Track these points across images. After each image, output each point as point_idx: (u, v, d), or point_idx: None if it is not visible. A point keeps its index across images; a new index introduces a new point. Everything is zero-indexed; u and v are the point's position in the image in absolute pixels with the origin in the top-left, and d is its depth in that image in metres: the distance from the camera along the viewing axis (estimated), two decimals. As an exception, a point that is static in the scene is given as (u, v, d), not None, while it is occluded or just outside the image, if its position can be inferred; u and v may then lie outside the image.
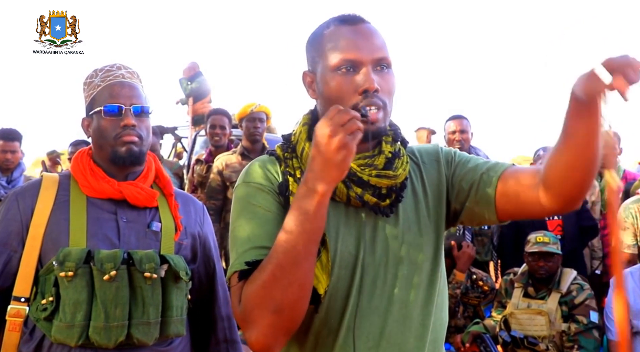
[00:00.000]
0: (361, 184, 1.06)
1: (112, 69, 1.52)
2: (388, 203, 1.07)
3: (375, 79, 1.04)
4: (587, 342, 2.93)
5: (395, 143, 1.13)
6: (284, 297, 0.96)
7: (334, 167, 0.93)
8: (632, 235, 3.34)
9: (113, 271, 1.37)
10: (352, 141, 0.92)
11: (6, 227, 1.45)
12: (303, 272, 0.96)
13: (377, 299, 1.06)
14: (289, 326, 0.99)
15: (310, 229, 0.95)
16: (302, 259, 0.95)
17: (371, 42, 1.06)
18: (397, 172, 1.08)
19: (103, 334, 1.36)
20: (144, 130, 1.50)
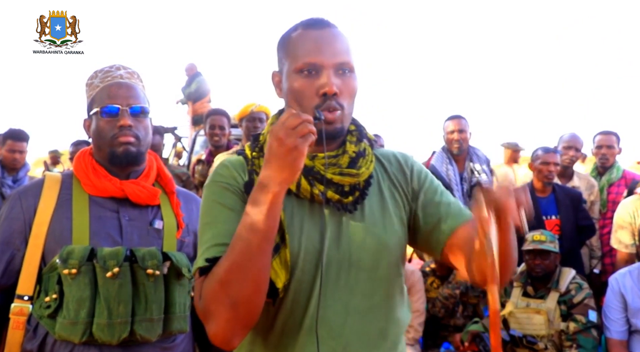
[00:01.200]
0: (322, 181, 1.11)
1: (111, 70, 1.54)
2: (351, 200, 1.12)
3: (336, 82, 1.08)
4: (585, 342, 2.94)
5: (360, 143, 1.17)
6: (239, 293, 1.00)
7: (285, 168, 0.98)
8: (630, 234, 3.35)
9: (116, 268, 1.38)
10: (303, 144, 0.97)
11: (9, 226, 1.47)
12: (257, 269, 0.99)
13: (340, 290, 1.10)
14: (245, 321, 1.02)
15: (263, 228, 0.99)
16: (256, 257, 0.99)
17: (333, 46, 1.10)
18: (360, 171, 1.12)
19: (106, 331, 1.37)
20: (142, 130, 1.50)
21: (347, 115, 1.12)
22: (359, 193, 1.13)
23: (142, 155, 1.53)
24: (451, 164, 3.84)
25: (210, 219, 1.10)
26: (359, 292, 1.11)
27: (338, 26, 1.14)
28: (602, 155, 4.06)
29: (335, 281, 1.10)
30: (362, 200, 1.14)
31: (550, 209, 3.69)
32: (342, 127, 1.11)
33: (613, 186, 4.03)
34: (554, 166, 3.64)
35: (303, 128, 0.97)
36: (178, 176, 3.92)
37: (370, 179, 1.15)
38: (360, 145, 1.17)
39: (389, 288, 1.15)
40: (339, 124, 1.10)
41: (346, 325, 1.10)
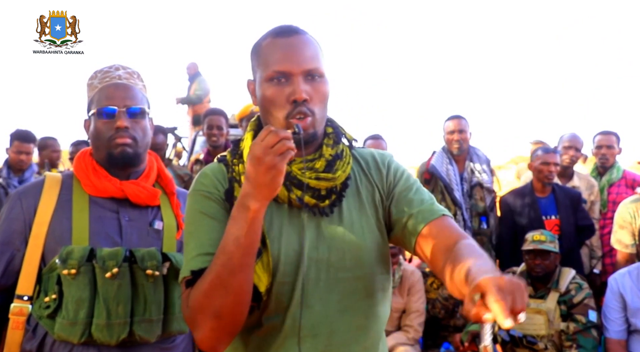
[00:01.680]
0: (301, 187, 1.13)
1: (110, 70, 1.53)
2: (327, 203, 1.14)
3: (305, 89, 1.11)
4: (585, 342, 2.94)
5: (337, 145, 1.19)
6: (222, 304, 1.04)
7: (264, 186, 1.01)
8: (630, 234, 3.35)
9: (115, 268, 1.38)
10: (281, 162, 1.00)
11: (9, 226, 1.47)
12: (239, 281, 1.03)
13: (321, 291, 1.12)
14: (229, 329, 1.08)
15: (244, 244, 1.02)
16: (238, 271, 1.03)
17: (302, 54, 1.12)
18: (336, 174, 1.14)
19: (105, 332, 1.37)
20: (139, 131, 1.50)
21: (320, 119, 1.14)
22: (336, 196, 1.15)
23: (140, 156, 1.52)
24: (451, 164, 3.84)
25: (193, 229, 1.13)
26: (339, 292, 1.13)
27: (308, 33, 1.17)
28: (602, 156, 4.06)
29: (315, 282, 1.12)
30: (340, 202, 1.16)
31: (550, 209, 3.69)
32: (315, 132, 1.13)
33: (613, 186, 4.03)
34: (554, 166, 3.64)
35: (281, 146, 1.00)
36: (180, 177, 3.92)
37: (348, 181, 1.17)
38: (337, 147, 1.18)
39: (369, 286, 1.17)
40: (311, 130, 1.12)
41: (326, 324, 1.12)
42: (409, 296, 3.39)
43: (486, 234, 3.80)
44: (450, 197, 3.78)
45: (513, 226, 3.71)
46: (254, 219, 1.03)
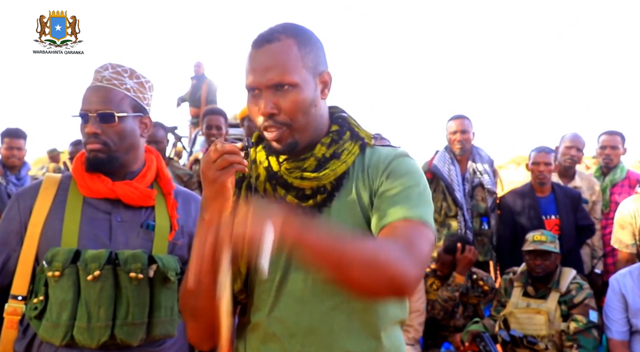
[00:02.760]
0: (285, 186, 1.13)
1: (100, 70, 1.52)
2: (312, 204, 1.12)
3: (271, 102, 1.09)
4: (586, 342, 2.93)
5: (336, 144, 1.15)
6: (195, 305, 1.11)
7: (211, 199, 1.06)
8: (630, 234, 3.34)
9: (97, 271, 1.38)
10: (222, 176, 1.04)
11: (6, 226, 1.48)
12: (206, 286, 1.06)
13: (300, 292, 1.12)
14: (208, 330, 1.11)
15: (205, 254, 1.04)
16: (204, 276, 1.05)
17: (267, 67, 1.09)
18: (321, 173, 1.11)
19: (86, 334, 1.37)
20: (113, 136, 1.47)
21: (298, 128, 1.11)
22: (325, 196, 1.13)
23: (116, 160, 1.50)
24: (453, 164, 3.83)
25: None
26: (320, 293, 1.11)
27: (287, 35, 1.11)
28: (606, 156, 4.05)
29: (294, 283, 1.12)
30: (329, 202, 1.13)
31: (550, 209, 3.69)
32: (291, 142, 1.11)
33: (616, 186, 4.01)
34: (545, 166, 3.63)
35: (221, 161, 1.03)
36: (179, 177, 3.91)
37: (343, 180, 1.14)
38: (337, 146, 1.15)
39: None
40: (286, 140, 1.11)
41: (304, 324, 1.11)
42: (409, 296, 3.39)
43: (487, 234, 3.80)
44: (452, 197, 3.77)
45: (513, 226, 3.70)
46: (209, 230, 1.04)
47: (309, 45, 1.13)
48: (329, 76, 1.17)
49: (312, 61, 1.13)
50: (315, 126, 1.14)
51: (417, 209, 1.08)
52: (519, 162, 13.41)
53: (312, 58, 1.13)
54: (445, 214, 3.79)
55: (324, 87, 1.16)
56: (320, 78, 1.15)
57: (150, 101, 1.59)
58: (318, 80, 1.14)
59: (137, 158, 1.56)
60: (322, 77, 1.15)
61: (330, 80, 1.17)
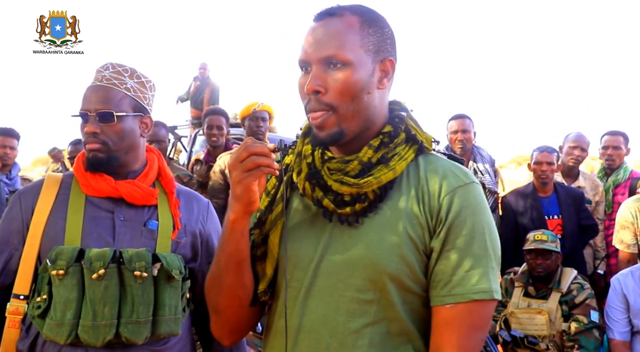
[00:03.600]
0: (324, 188, 1.03)
1: (100, 70, 1.53)
2: (349, 211, 1.01)
3: (318, 79, 0.99)
4: (587, 342, 2.92)
5: (387, 147, 1.03)
6: (217, 301, 1.11)
7: (236, 199, 1.00)
8: (632, 234, 3.34)
9: (102, 269, 1.37)
10: (247, 179, 0.97)
11: (8, 225, 1.48)
12: (229, 282, 1.07)
13: (323, 304, 1.02)
14: (228, 326, 1.14)
15: (227, 251, 1.05)
16: (225, 273, 1.07)
17: (320, 40, 1.00)
18: (362, 181, 1.00)
19: (91, 333, 1.36)
20: (112, 135, 1.48)
21: (342, 115, 1.00)
22: (367, 205, 1.01)
23: (116, 160, 1.50)
24: (454, 163, 3.82)
25: None
26: (344, 311, 1.01)
27: (353, 12, 1.02)
28: (609, 156, 4.04)
29: (319, 292, 1.03)
30: (370, 212, 1.01)
31: (553, 209, 3.67)
32: (337, 132, 1.00)
33: (619, 187, 3.99)
34: (547, 166, 3.62)
35: (248, 163, 0.96)
36: (179, 178, 3.91)
37: (390, 190, 1.02)
38: (387, 149, 1.03)
39: (384, 315, 1.01)
40: (329, 129, 1.00)
41: (325, 341, 1.01)
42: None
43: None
44: (452, 197, 3.76)
45: (515, 225, 3.69)
46: (232, 229, 1.03)
47: (374, 27, 1.03)
48: (392, 65, 1.05)
49: (374, 44, 1.02)
50: (366, 117, 1.02)
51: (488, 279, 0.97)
52: (520, 162, 13.40)
53: (375, 41, 1.02)
54: (446, 214, 3.78)
55: (383, 76, 1.03)
56: (381, 65, 1.03)
57: (151, 101, 1.59)
58: (378, 66, 1.03)
59: (137, 158, 1.56)
60: (383, 64, 1.03)
61: (392, 70, 1.05)
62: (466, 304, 0.96)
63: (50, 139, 21.79)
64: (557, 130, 21.93)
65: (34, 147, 20.09)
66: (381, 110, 1.05)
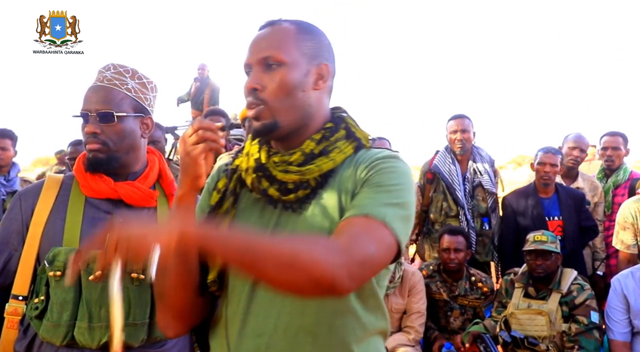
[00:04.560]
0: (269, 179, 1.11)
1: (102, 70, 1.52)
2: (293, 198, 1.09)
3: (257, 78, 1.09)
4: (587, 343, 2.92)
5: (326, 141, 1.12)
6: (162, 284, 1.12)
7: (184, 174, 1.07)
8: (632, 235, 3.34)
9: (99, 271, 1.37)
10: (194, 150, 1.04)
11: (8, 226, 1.48)
12: (172, 265, 1.09)
13: (271, 291, 1.07)
14: (172, 312, 1.14)
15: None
16: (171, 255, 1.08)
17: (259, 44, 1.11)
18: (305, 168, 1.08)
19: (87, 335, 1.36)
20: (113, 136, 1.47)
21: (277, 109, 1.08)
22: (308, 191, 1.09)
23: (116, 160, 1.49)
24: (454, 164, 3.82)
25: None
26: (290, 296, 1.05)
27: (291, 22, 1.13)
28: (608, 157, 4.03)
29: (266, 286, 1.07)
30: (312, 198, 1.09)
31: (553, 210, 3.67)
32: (270, 123, 1.08)
33: (619, 188, 3.99)
34: (550, 167, 3.61)
35: (194, 137, 1.04)
36: None
37: (329, 178, 1.10)
38: (327, 143, 1.11)
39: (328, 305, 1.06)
40: (264, 120, 1.09)
41: (271, 324, 1.06)
42: (410, 297, 3.38)
43: (488, 235, 3.79)
44: (453, 197, 3.76)
45: (516, 226, 3.68)
46: (179, 206, 1.09)
47: (310, 34, 1.13)
48: (328, 69, 1.14)
49: (309, 49, 1.12)
50: (302, 113, 1.11)
51: (383, 209, 1.02)
52: (520, 162, 13.41)
53: (311, 46, 1.12)
54: (446, 214, 3.79)
55: (318, 78, 1.13)
56: (317, 68, 1.12)
57: (152, 102, 1.58)
58: (314, 69, 1.12)
59: (138, 159, 1.55)
60: (319, 68, 1.13)
61: (328, 74, 1.14)
62: (361, 217, 1.01)
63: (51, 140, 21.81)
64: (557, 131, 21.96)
65: (34, 148, 20.09)
66: (319, 109, 1.14)
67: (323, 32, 1.17)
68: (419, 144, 14.26)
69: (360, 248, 0.96)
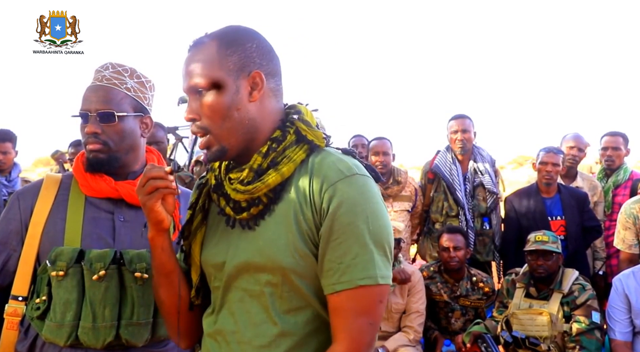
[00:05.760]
0: (226, 198, 1.13)
1: (100, 70, 1.51)
2: (246, 216, 1.09)
3: (192, 107, 1.09)
4: (589, 343, 2.91)
5: (274, 152, 1.08)
6: (161, 310, 1.24)
7: (147, 218, 1.16)
8: (633, 234, 3.33)
9: (102, 270, 1.37)
10: (149, 201, 1.12)
11: (6, 226, 1.47)
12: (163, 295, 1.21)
13: (235, 304, 1.12)
14: (167, 322, 1.24)
15: (154, 265, 1.20)
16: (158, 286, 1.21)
17: (187, 71, 1.09)
18: (250, 187, 1.07)
19: (91, 335, 1.36)
20: (113, 135, 1.46)
21: (221, 135, 1.07)
22: (262, 208, 1.08)
23: (117, 160, 1.49)
24: (454, 164, 3.82)
25: None
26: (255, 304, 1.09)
27: (209, 38, 1.09)
28: (608, 157, 4.03)
29: (232, 294, 1.12)
30: (266, 214, 1.08)
31: (556, 210, 3.66)
32: (219, 149, 1.08)
33: (620, 187, 3.99)
34: (552, 166, 3.61)
35: (147, 187, 1.11)
36: (181, 179, 3.90)
37: (281, 192, 1.07)
38: (275, 154, 1.08)
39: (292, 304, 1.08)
40: (212, 147, 1.09)
41: (236, 336, 1.10)
42: (409, 297, 3.37)
43: (488, 234, 3.78)
44: (453, 197, 3.76)
45: (518, 226, 3.68)
46: (153, 246, 1.18)
47: (233, 46, 1.08)
48: (261, 76, 1.09)
49: (234, 63, 1.07)
50: (244, 131, 1.08)
51: (372, 269, 1.01)
52: (521, 163, 13.40)
53: (237, 59, 1.08)
54: (447, 214, 3.79)
55: (252, 89, 1.09)
56: (247, 80, 1.08)
57: (151, 101, 1.58)
58: (245, 82, 1.08)
59: (138, 158, 1.54)
60: (250, 78, 1.08)
61: (262, 81, 1.09)
62: (352, 290, 1.01)
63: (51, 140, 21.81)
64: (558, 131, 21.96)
65: (35, 148, 20.11)
66: (263, 120, 1.11)
67: (251, 35, 1.12)
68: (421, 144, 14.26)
69: (363, 341, 1.03)
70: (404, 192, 3.88)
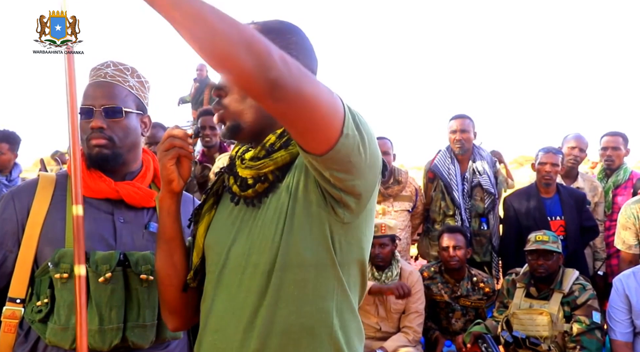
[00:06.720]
0: (235, 176, 1.14)
1: (100, 67, 1.50)
2: (251, 193, 1.09)
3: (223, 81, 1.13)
4: (589, 343, 2.91)
5: (288, 135, 1.09)
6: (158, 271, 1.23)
7: (160, 176, 1.18)
8: (633, 235, 3.33)
9: (108, 272, 1.35)
10: (165, 157, 1.14)
11: (2, 227, 1.43)
12: (159, 261, 1.21)
13: (231, 287, 1.08)
14: (166, 306, 1.24)
15: (159, 230, 1.21)
16: (157, 252, 1.22)
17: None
18: (259, 163, 1.09)
19: (97, 337, 1.33)
20: (119, 131, 1.45)
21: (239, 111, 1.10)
22: (268, 185, 1.08)
23: (121, 157, 1.48)
24: (453, 163, 3.82)
25: None
26: (249, 291, 1.04)
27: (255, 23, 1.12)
28: (608, 157, 4.03)
29: (229, 276, 1.09)
30: (270, 192, 1.08)
31: (555, 210, 3.66)
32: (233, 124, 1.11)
33: (620, 188, 3.99)
34: (551, 166, 3.61)
35: (166, 143, 1.14)
36: None
37: (287, 172, 1.08)
38: (289, 137, 1.09)
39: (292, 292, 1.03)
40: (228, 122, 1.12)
41: (227, 320, 1.07)
42: (408, 297, 3.37)
43: (486, 235, 3.78)
44: (450, 197, 3.76)
45: (518, 226, 3.68)
46: (160, 208, 1.20)
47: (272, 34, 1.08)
48: None
49: None
50: (262, 112, 1.08)
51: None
52: (522, 163, 13.39)
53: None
54: (444, 213, 3.79)
55: None
56: None
57: (148, 101, 1.57)
58: None
59: (136, 157, 1.54)
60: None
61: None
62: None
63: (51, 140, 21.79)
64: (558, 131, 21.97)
65: (35, 148, 20.08)
66: None
67: (293, 30, 1.14)
68: (422, 144, 14.24)
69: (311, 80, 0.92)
70: (405, 192, 3.87)
